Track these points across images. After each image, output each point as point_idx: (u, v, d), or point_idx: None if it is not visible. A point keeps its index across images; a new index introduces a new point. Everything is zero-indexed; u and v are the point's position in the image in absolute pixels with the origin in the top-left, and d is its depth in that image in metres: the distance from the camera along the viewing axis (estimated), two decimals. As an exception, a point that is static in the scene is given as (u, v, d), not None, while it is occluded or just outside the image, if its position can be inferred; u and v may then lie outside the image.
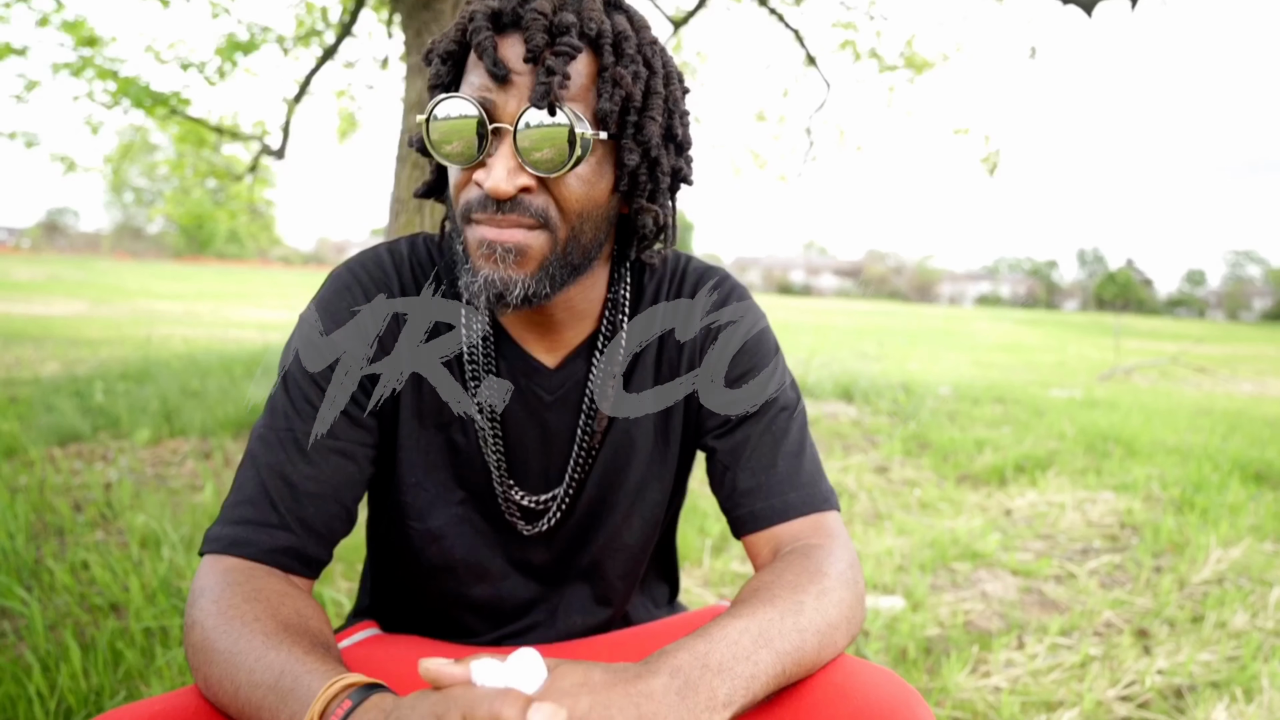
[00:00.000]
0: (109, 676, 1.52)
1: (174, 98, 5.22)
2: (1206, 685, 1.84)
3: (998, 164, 5.49)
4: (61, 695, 1.45)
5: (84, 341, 7.95)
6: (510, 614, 0.83)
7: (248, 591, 0.62)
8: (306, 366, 0.73)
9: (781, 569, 0.67)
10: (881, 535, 2.74)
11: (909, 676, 1.78)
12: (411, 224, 3.82)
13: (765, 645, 0.57)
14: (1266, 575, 2.55)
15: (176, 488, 2.81)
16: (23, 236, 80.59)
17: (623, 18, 0.70)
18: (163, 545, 2.08)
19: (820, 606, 0.63)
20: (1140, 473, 3.68)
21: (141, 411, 3.71)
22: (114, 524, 2.40)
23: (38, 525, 2.36)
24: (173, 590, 1.85)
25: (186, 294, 19.89)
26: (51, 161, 5.56)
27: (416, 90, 3.83)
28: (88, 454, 3.17)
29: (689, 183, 0.76)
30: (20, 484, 2.70)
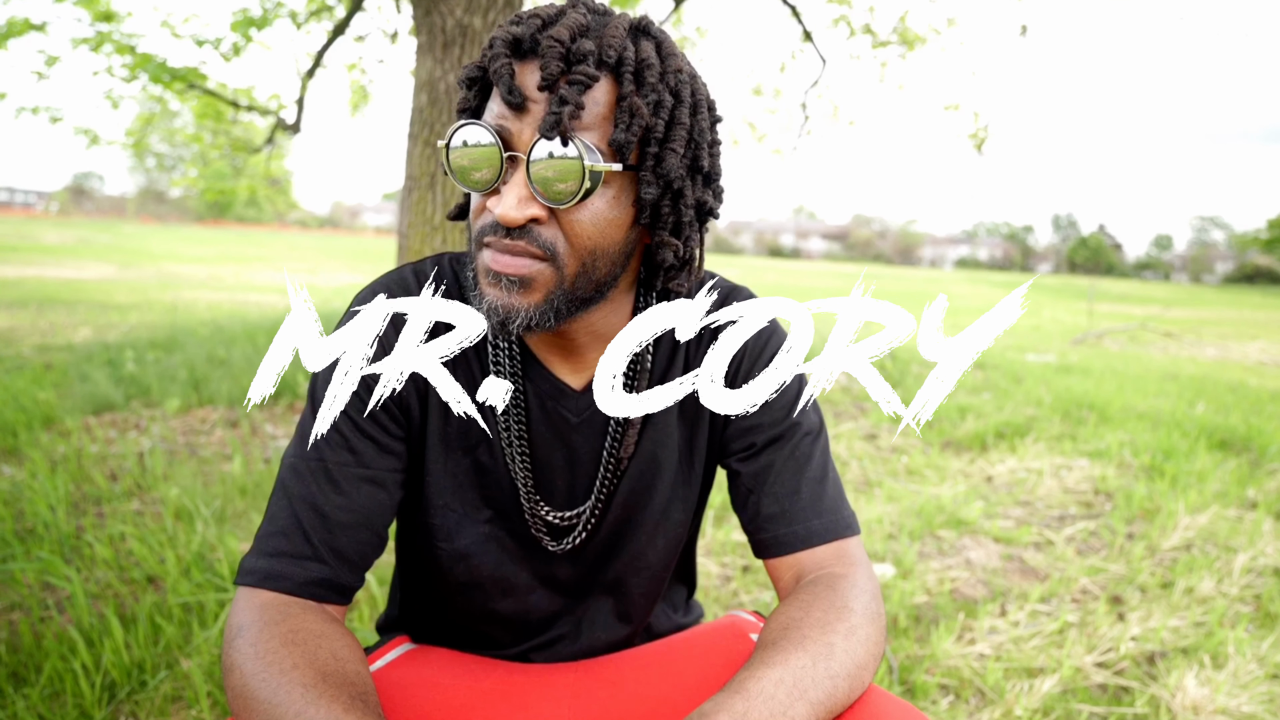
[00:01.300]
0: (150, 651, 1.51)
1: (191, 73, 5.06)
2: (1177, 652, 1.85)
3: (985, 140, 5.38)
4: (106, 669, 1.45)
5: (113, 306, 7.87)
6: (536, 627, 0.81)
7: (285, 633, 0.59)
8: None
9: (809, 603, 0.64)
10: (872, 503, 2.73)
11: (900, 646, 1.78)
12: (424, 199, 3.73)
13: (800, 697, 0.54)
14: (1231, 541, 2.56)
15: (207, 456, 2.79)
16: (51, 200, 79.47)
17: (649, 44, 0.64)
18: (196, 520, 2.06)
19: (849, 648, 0.60)
20: (1113, 439, 3.68)
21: (171, 380, 3.67)
22: (149, 494, 2.39)
23: (77, 495, 2.34)
24: (206, 565, 1.84)
25: (209, 257, 19.69)
26: (75, 135, 5.41)
27: (427, 69, 3.69)
28: (121, 423, 3.14)
29: (715, 216, 0.70)
30: (59, 454, 2.68)
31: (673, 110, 0.64)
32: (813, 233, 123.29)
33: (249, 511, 2.24)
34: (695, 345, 0.79)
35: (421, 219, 3.77)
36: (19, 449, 2.75)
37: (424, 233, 3.77)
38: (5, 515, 2.11)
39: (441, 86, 3.66)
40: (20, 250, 17.52)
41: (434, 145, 3.69)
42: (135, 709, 1.37)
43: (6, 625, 1.62)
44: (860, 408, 4.19)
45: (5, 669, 1.46)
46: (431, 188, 3.73)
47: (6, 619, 1.66)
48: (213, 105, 5.65)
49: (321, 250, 29.34)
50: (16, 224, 34.36)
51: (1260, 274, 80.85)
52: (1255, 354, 9.15)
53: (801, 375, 0.79)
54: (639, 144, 0.63)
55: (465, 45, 3.66)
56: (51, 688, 1.41)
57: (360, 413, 0.69)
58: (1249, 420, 4.25)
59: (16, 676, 1.45)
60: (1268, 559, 2.44)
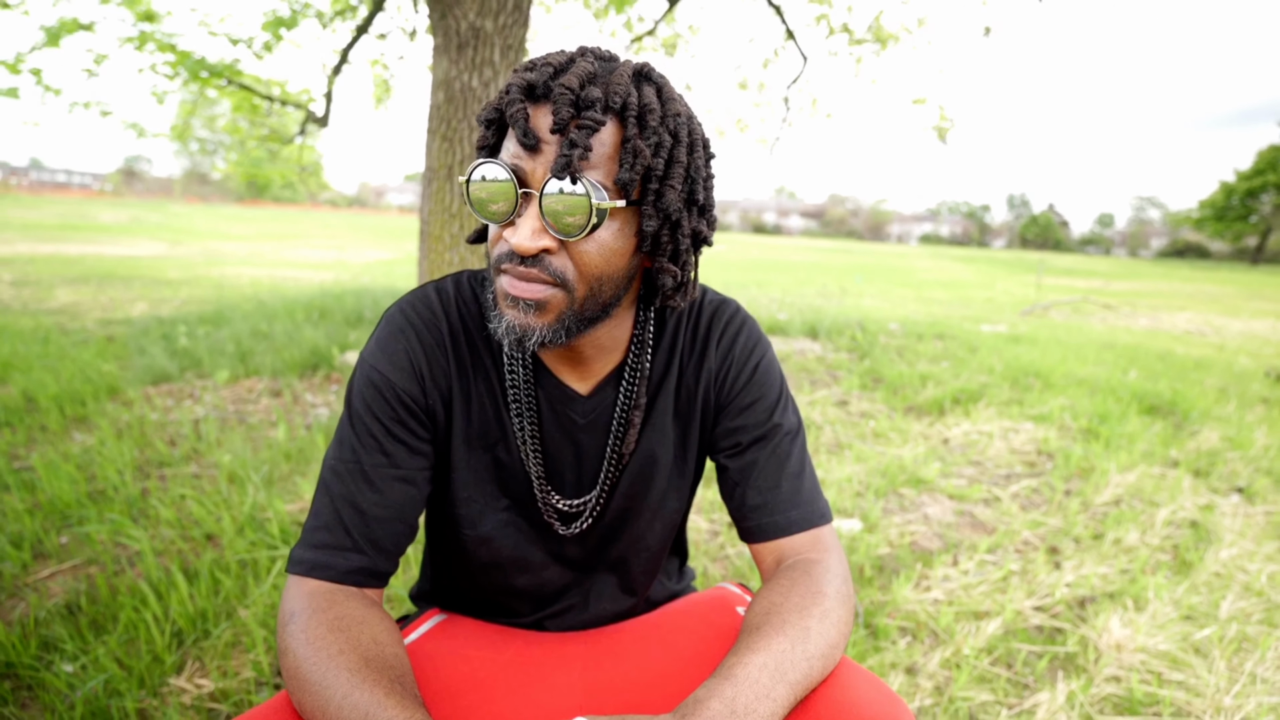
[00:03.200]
0: (211, 602, 1.54)
1: (227, 69, 4.92)
2: (1104, 596, 1.89)
3: (949, 130, 5.28)
4: (174, 619, 1.47)
5: (165, 282, 7.80)
6: (549, 598, 0.82)
7: (331, 620, 0.60)
8: (369, 404, 0.69)
9: (788, 588, 0.65)
10: (843, 464, 2.76)
11: (866, 594, 1.82)
12: (443, 189, 3.67)
13: (781, 679, 0.55)
14: (1155, 497, 2.59)
15: (254, 423, 2.80)
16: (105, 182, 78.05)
17: (651, 90, 0.63)
18: (247, 485, 2.08)
19: (823, 630, 0.61)
20: (1055, 404, 3.70)
21: (220, 353, 3.65)
22: (205, 459, 2.40)
23: (141, 460, 2.35)
24: (258, 525, 1.86)
25: (249, 235, 19.44)
26: (125, 129, 5.29)
27: (443, 69, 3.60)
28: (177, 393, 3.14)
29: (709, 244, 0.70)
30: (123, 422, 2.68)
31: (671, 150, 0.63)
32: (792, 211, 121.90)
33: (293, 475, 2.26)
34: (689, 351, 0.79)
35: (441, 207, 3.72)
36: (88, 417, 2.75)
37: (443, 219, 3.72)
38: (80, 479, 2.13)
39: (457, 85, 3.57)
40: (80, 229, 17.27)
41: (451, 140, 3.62)
42: (201, 654, 1.40)
43: (85, 579, 1.65)
44: (833, 375, 4.20)
45: (86, 618, 1.49)
46: (449, 179, 3.67)
47: (85, 573, 1.68)
48: (248, 99, 5.51)
49: (350, 228, 28.97)
50: (76, 204, 33.80)
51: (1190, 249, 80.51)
52: (1183, 324, 9.15)
53: (782, 383, 0.80)
54: (641, 181, 0.62)
55: (478, 46, 3.56)
56: (127, 635, 1.43)
57: (392, 419, 0.69)
58: (1174, 386, 4.27)
59: (96, 625, 1.47)
60: (1185, 513, 2.48)
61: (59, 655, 1.37)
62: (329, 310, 4.89)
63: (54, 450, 2.38)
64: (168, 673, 1.34)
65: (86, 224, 19.39)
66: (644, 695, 0.69)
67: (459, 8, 3.48)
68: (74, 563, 1.72)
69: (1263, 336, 8.18)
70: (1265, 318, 10.60)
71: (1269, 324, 9.70)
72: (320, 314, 4.79)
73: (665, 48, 6.78)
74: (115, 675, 1.29)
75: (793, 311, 7.05)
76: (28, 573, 1.67)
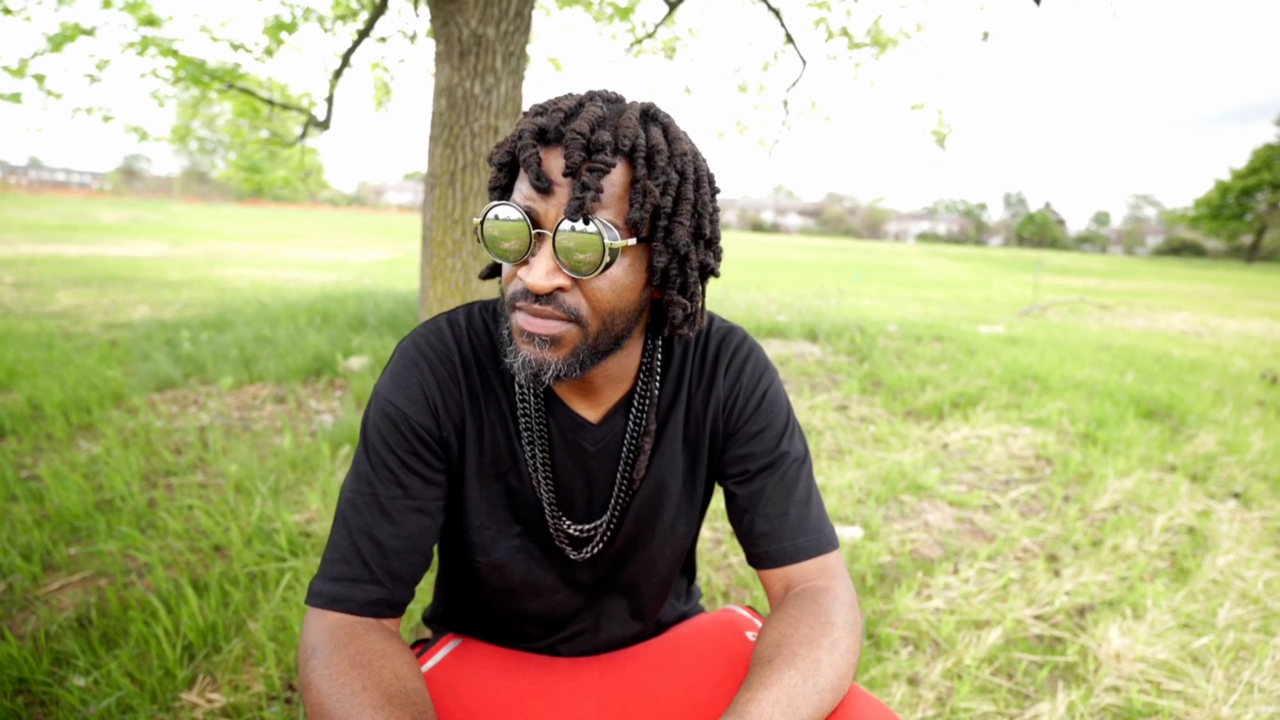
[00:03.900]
0: (221, 615, 1.54)
1: (228, 74, 4.92)
2: (1103, 605, 1.91)
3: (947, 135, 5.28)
4: (184, 633, 1.48)
5: (167, 284, 7.79)
6: (560, 622, 0.83)
7: (352, 655, 0.61)
8: (385, 436, 0.70)
9: (797, 618, 0.66)
10: (844, 470, 2.77)
11: (867, 603, 1.83)
12: (445, 195, 3.68)
13: (793, 715, 0.56)
14: (1153, 503, 2.61)
15: (259, 430, 2.80)
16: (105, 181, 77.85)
17: (658, 130, 0.64)
18: (254, 495, 2.08)
19: (832, 661, 0.62)
20: (1053, 408, 3.71)
21: (223, 359, 3.66)
22: (211, 467, 2.40)
23: (148, 469, 2.36)
24: (265, 536, 1.87)
25: (250, 235, 19.40)
26: (126, 132, 5.28)
27: (445, 76, 3.60)
28: (182, 399, 3.14)
29: (716, 275, 0.71)
30: (129, 430, 2.69)
31: (679, 187, 0.64)
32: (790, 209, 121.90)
33: (299, 485, 2.26)
34: (698, 379, 0.80)
35: (444, 213, 3.72)
36: (94, 425, 2.75)
37: (446, 225, 3.73)
38: (87, 489, 2.13)
39: (459, 92, 3.57)
40: (81, 229, 17.23)
41: (453, 146, 3.62)
42: (212, 669, 1.41)
43: (95, 591, 1.65)
44: (833, 379, 4.21)
45: (97, 632, 1.49)
46: (451, 185, 3.67)
47: (95, 585, 1.69)
48: (249, 102, 5.50)
49: (351, 227, 28.93)
50: (76, 204, 33.71)
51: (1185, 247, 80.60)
52: (1179, 324, 9.18)
53: (789, 410, 0.81)
54: (650, 218, 0.63)
55: (480, 54, 3.56)
56: (138, 649, 1.44)
57: (407, 451, 0.70)
58: (1170, 389, 4.29)
59: (107, 639, 1.48)
60: (1183, 519, 2.50)
61: (71, 670, 1.38)
62: (331, 314, 4.90)
63: (60, 459, 2.39)
64: (179, 687, 1.35)
65: (87, 224, 19.35)
66: None
67: (461, 15, 3.48)
68: (84, 575, 1.73)
69: (1258, 337, 8.20)
70: (1260, 317, 10.63)
71: (1264, 324, 9.73)
72: (323, 318, 4.79)
73: (665, 50, 6.78)
74: (128, 691, 1.30)
75: (792, 313, 7.06)
76: (38, 585, 1.68)
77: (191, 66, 4.62)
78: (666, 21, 6.39)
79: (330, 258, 13.25)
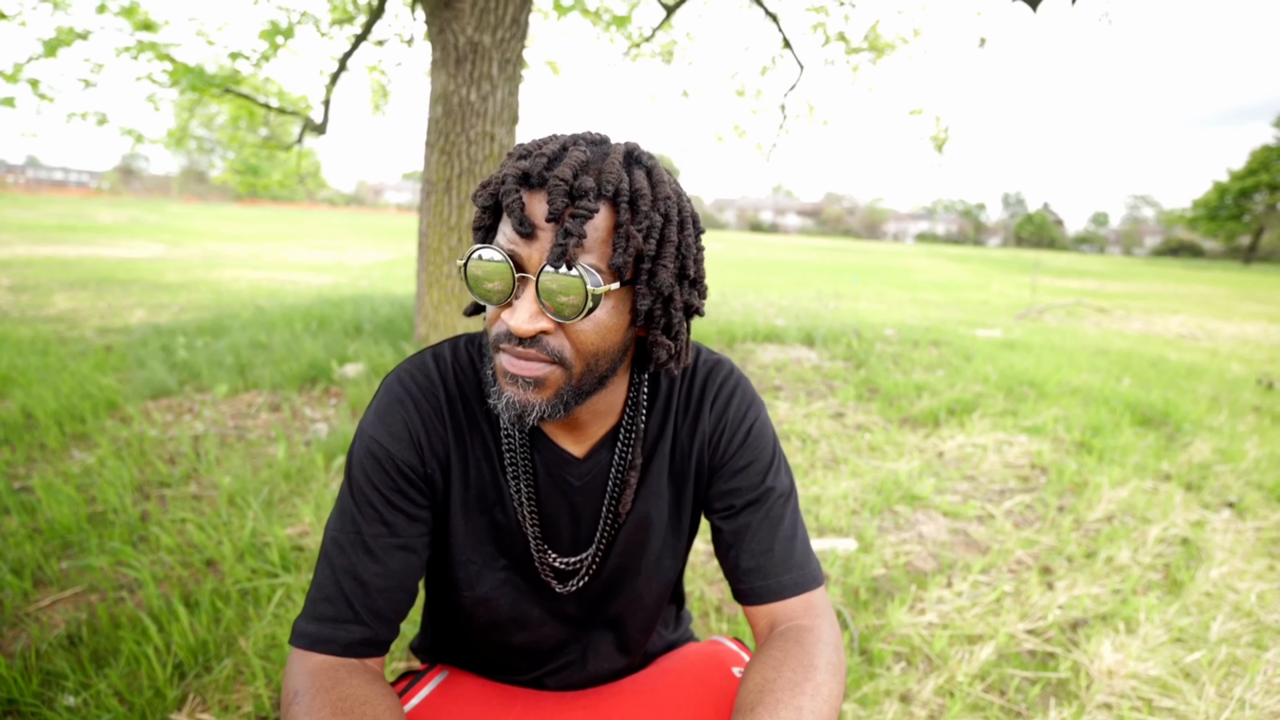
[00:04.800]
0: (212, 633, 1.54)
1: (226, 79, 4.91)
2: (1096, 619, 1.90)
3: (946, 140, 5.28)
4: (175, 652, 1.48)
5: (164, 286, 7.78)
6: (547, 655, 0.83)
7: (335, 701, 0.60)
8: (369, 474, 0.70)
9: (780, 661, 0.66)
10: (838, 479, 2.77)
11: (861, 617, 1.83)
12: (441, 203, 3.67)
13: None
14: (1147, 513, 2.61)
15: (254, 440, 2.80)
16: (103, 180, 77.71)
17: (641, 173, 0.64)
18: (247, 511, 2.08)
19: (815, 707, 0.62)
20: (1049, 415, 3.71)
21: (219, 366, 3.65)
22: (205, 478, 2.40)
23: (141, 480, 2.35)
24: (258, 551, 1.86)
25: (248, 236, 19.38)
26: (121, 135, 5.27)
27: (441, 83, 3.60)
28: (177, 408, 3.14)
29: (700, 314, 0.71)
30: (123, 440, 2.68)
31: (663, 230, 0.64)
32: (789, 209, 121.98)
33: (292, 497, 2.26)
34: (683, 413, 0.80)
35: (439, 220, 3.72)
36: (88, 434, 2.75)
37: (442, 232, 3.72)
38: (80, 500, 2.13)
39: (455, 99, 3.57)
40: (79, 230, 17.20)
41: (449, 154, 3.62)
42: (202, 689, 1.40)
43: (86, 607, 1.65)
44: (829, 386, 4.21)
45: (87, 650, 1.49)
46: (448, 192, 3.67)
47: (86, 601, 1.68)
48: (246, 106, 5.50)
49: (349, 227, 28.90)
50: (75, 204, 33.66)
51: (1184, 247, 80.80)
52: (1175, 327, 9.19)
53: (775, 445, 0.81)
54: (634, 261, 0.63)
55: (476, 61, 3.56)
56: (128, 668, 1.44)
57: (392, 489, 0.70)
58: (1166, 396, 4.29)
59: (97, 657, 1.48)
60: (1177, 529, 2.50)
61: (60, 690, 1.37)
62: (328, 319, 4.89)
63: (53, 470, 2.38)
64: (169, 708, 1.34)
65: (85, 225, 19.31)
66: None
67: (457, 22, 3.48)
68: (75, 590, 1.72)
69: (1254, 340, 8.22)
70: (1257, 320, 10.65)
71: (1260, 326, 9.75)
72: (319, 324, 4.79)
73: (663, 54, 6.78)
74: (117, 713, 1.29)
75: (789, 317, 7.06)
76: (29, 601, 1.67)
77: (189, 74, 4.61)
78: (664, 26, 6.39)
79: (328, 259, 13.24)
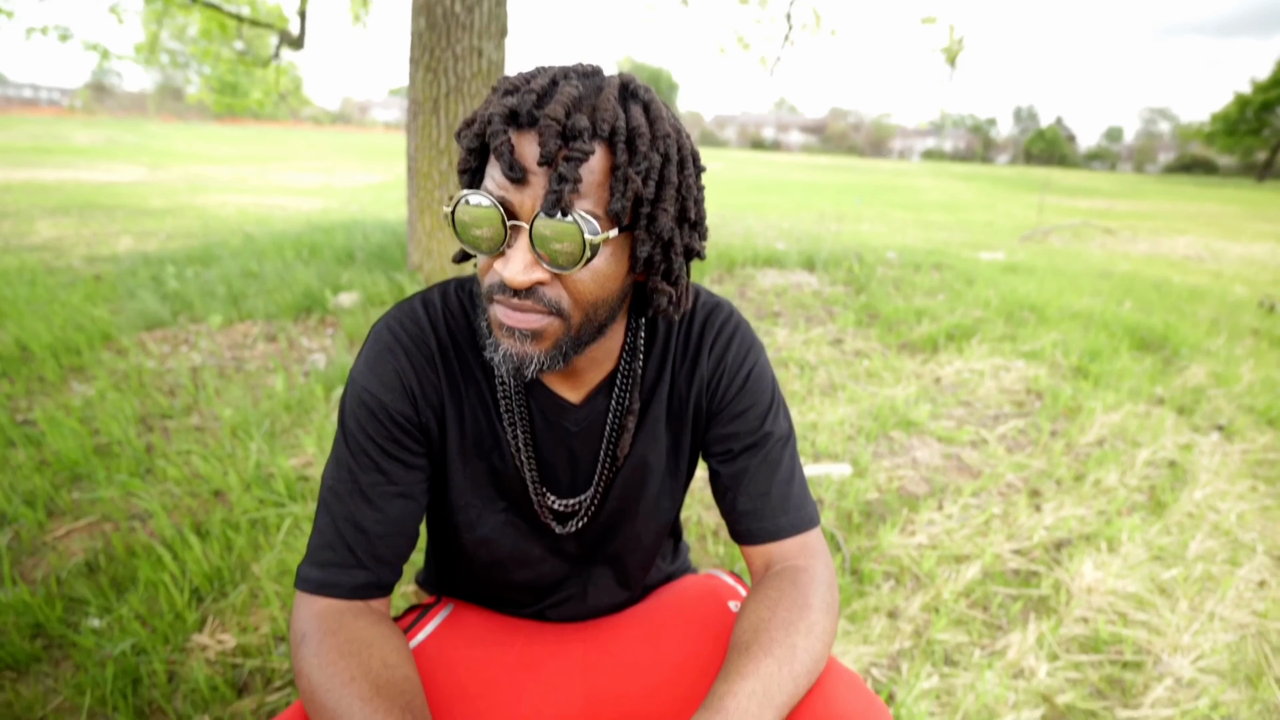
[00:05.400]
0: (225, 560, 1.59)
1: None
2: (1081, 539, 1.97)
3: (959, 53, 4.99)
4: (190, 578, 1.53)
5: (148, 212, 7.58)
6: (548, 589, 0.86)
7: (341, 644, 0.62)
8: (363, 424, 0.69)
9: (775, 601, 0.68)
10: (836, 406, 2.80)
11: (854, 539, 1.89)
12: (429, 123, 3.52)
13: (769, 704, 0.58)
14: (1138, 437, 2.65)
15: (252, 371, 2.80)
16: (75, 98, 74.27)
17: (638, 109, 0.60)
18: (250, 443, 2.10)
19: (809, 645, 0.64)
20: (1047, 340, 3.71)
21: (211, 296, 3.60)
22: (205, 409, 2.42)
23: (143, 412, 2.37)
24: (263, 482, 1.90)
25: (231, 157, 18.72)
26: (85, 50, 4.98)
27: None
28: (172, 339, 3.12)
29: (701, 256, 0.68)
30: (120, 372, 2.68)
31: (662, 171, 0.61)
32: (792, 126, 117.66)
33: (294, 429, 2.28)
34: (681, 357, 0.78)
35: (428, 142, 3.57)
36: (85, 366, 2.74)
37: (431, 156, 3.59)
38: (84, 433, 2.15)
39: (439, 10, 3.34)
40: (55, 152, 16.58)
41: (435, 70, 3.43)
42: (220, 612, 1.46)
43: (101, 537, 1.70)
44: (829, 312, 4.18)
45: (106, 577, 1.54)
46: (435, 112, 3.51)
47: (100, 530, 1.73)
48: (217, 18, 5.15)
49: (335, 147, 27.89)
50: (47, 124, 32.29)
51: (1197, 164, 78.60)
52: (1182, 248, 9.06)
53: (775, 389, 0.80)
54: (632, 205, 0.60)
55: (459, -36, 3.30)
56: (147, 593, 1.49)
57: (386, 438, 0.69)
58: (1167, 319, 4.28)
59: (117, 584, 1.53)
60: (1165, 452, 2.55)
61: (83, 615, 1.43)
62: (319, 247, 4.79)
63: (54, 403, 2.39)
64: (190, 630, 1.40)
65: (60, 146, 18.60)
66: (642, 702, 0.73)
67: (436, -81, 3.21)
68: (88, 520, 1.77)
69: (1260, 261, 8.12)
70: (1265, 240, 10.48)
71: (1268, 247, 9.61)
72: (310, 251, 4.69)
73: (661, -45, 6.30)
74: (141, 635, 1.35)
75: (790, 240, 6.93)
76: (44, 531, 1.72)
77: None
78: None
79: (315, 182, 12.84)
